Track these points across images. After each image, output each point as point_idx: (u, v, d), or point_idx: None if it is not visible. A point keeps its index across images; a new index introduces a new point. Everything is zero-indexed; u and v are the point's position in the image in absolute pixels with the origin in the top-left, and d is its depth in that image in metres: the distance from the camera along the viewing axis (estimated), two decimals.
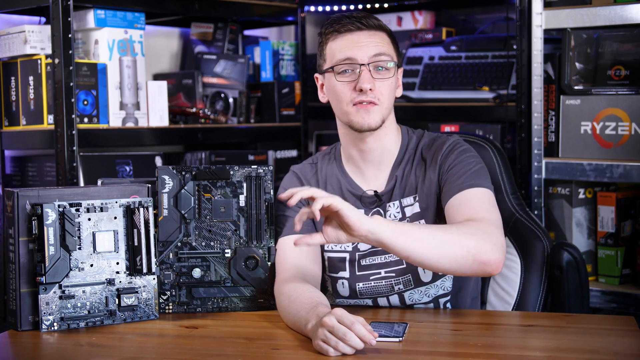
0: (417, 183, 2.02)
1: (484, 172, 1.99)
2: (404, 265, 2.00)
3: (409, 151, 2.06)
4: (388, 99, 1.99)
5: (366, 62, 1.96)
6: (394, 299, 2.03)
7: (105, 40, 2.81)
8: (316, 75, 2.08)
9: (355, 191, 2.05)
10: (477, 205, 1.91)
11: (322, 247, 2.06)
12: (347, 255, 2.04)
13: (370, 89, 1.95)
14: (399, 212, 2.02)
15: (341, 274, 2.05)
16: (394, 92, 2.02)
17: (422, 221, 2.01)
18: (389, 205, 2.03)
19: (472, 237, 1.80)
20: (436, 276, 2.01)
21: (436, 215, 2.00)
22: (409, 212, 2.02)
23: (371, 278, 2.02)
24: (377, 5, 3.54)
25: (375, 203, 2.04)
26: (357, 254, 2.03)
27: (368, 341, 1.61)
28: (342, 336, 1.61)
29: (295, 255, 2.00)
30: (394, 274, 2.01)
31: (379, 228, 1.75)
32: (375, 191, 2.04)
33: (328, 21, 2.03)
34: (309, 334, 1.71)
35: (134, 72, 2.85)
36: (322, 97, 2.07)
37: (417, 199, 2.02)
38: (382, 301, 2.04)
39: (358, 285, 2.03)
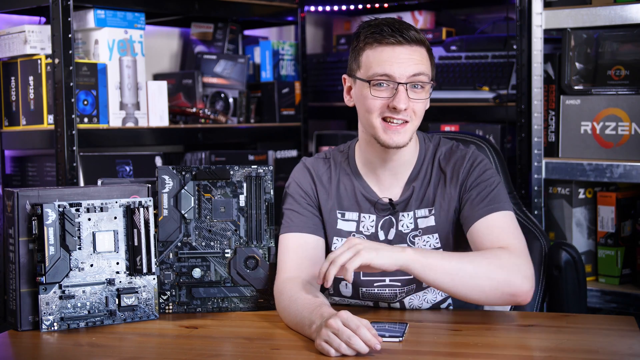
0: (434, 196, 2.00)
1: (504, 191, 1.98)
2: (411, 275, 1.98)
3: (426, 161, 2.03)
4: (419, 117, 1.95)
5: (404, 81, 1.91)
6: (395, 304, 2.03)
7: (105, 40, 2.81)
8: (344, 76, 2.03)
9: (370, 196, 2.02)
10: (503, 232, 1.90)
11: (329, 247, 2.04)
12: None
13: (406, 109, 1.91)
14: (412, 223, 2.00)
15: None
16: (425, 109, 1.98)
17: (436, 235, 1.99)
18: (403, 215, 2.01)
19: (501, 270, 1.81)
20: None
21: (453, 230, 1.99)
22: (422, 223, 2.00)
23: (375, 285, 2.01)
24: (377, 5, 3.54)
25: (388, 211, 2.02)
26: None
27: (373, 346, 1.61)
28: (347, 339, 1.61)
29: (298, 255, 1.99)
30: (399, 284, 2.00)
31: (408, 265, 1.78)
32: (390, 199, 2.01)
33: (367, 25, 1.97)
34: (312, 334, 1.71)
35: (134, 72, 2.85)
36: (348, 101, 2.03)
37: (432, 212, 1.99)
38: (382, 304, 2.04)
39: (361, 290, 2.03)
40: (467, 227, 1.94)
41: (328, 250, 2.04)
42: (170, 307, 2.03)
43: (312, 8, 3.63)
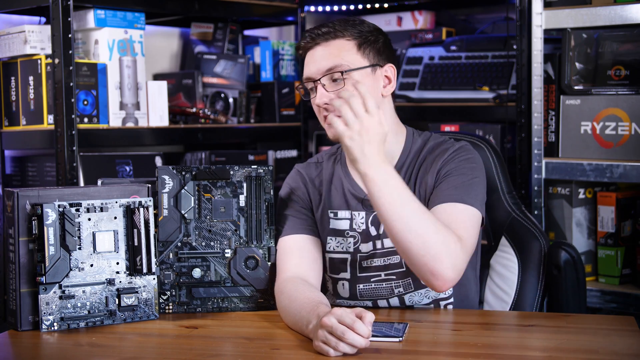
0: (415, 189, 2.00)
1: (478, 189, 1.94)
2: (404, 269, 1.99)
3: (411, 155, 2.03)
4: None
5: (319, 77, 1.94)
6: (394, 301, 2.03)
7: (105, 40, 2.81)
8: None
9: (357, 194, 2.04)
10: (459, 222, 1.85)
11: (324, 247, 2.05)
12: (348, 257, 2.03)
13: (326, 103, 1.93)
14: None
15: (342, 275, 2.04)
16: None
17: None
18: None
19: (441, 245, 1.76)
20: None
21: None
22: None
23: (372, 280, 2.02)
24: (377, 5, 3.54)
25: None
26: (358, 255, 2.02)
27: (366, 336, 1.59)
28: (341, 335, 1.59)
29: (296, 256, 2.00)
30: (394, 277, 2.01)
31: (366, 180, 1.75)
32: None
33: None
34: (310, 334, 1.71)
35: (134, 72, 2.85)
36: None
37: None
38: (382, 303, 2.04)
39: (359, 287, 2.03)
40: (429, 207, 1.91)
41: (324, 251, 2.05)
42: (170, 307, 2.03)
43: (312, 8, 3.63)
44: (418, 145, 2.04)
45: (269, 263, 2.04)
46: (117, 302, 1.93)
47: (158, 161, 2.95)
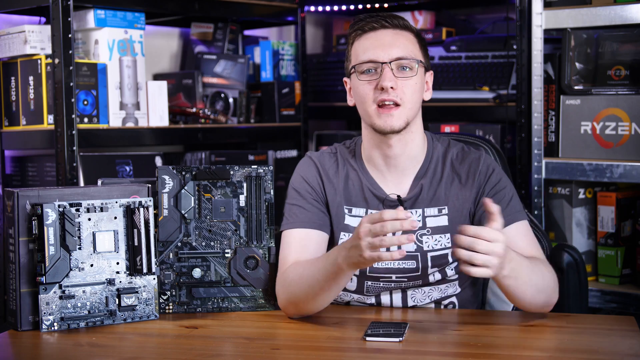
0: (447, 197, 1.99)
1: (518, 200, 2.01)
2: (419, 272, 1.98)
3: (434, 160, 2.02)
4: (411, 100, 1.93)
5: (387, 61, 1.92)
6: (396, 298, 2.02)
7: (105, 40, 2.81)
8: (345, 79, 2.05)
9: (377, 193, 2.01)
10: (526, 242, 1.94)
11: (336, 242, 2.02)
12: None
13: (392, 87, 1.91)
14: (419, 222, 1.99)
15: None
16: (419, 93, 1.97)
17: (448, 235, 1.98)
18: (410, 212, 1.97)
19: (551, 282, 1.87)
20: (444, 280, 2.00)
21: None
22: (431, 222, 1.99)
23: (381, 279, 2.00)
24: (377, 5, 3.54)
25: (396, 207, 2.01)
26: None
27: (410, 222, 1.66)
28: (382, 229, 1.66)
29: (299, 249, 1.97)
30: (405, 279, 1.99)
31: (504, 277, 1.78)
32: (398, 196, 1.99)
33: (354, 21, 2.00)
34: (344, 263, 1.75)
35: (134, 72, 2.85)
36: (350, 101, 2.03)
37: (444, 211, 1.98)
38: (385, 298, 2.03)
39: (367, 283, 2.01)
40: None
41: (333, 245, 2.01)
42: (170, 307, 2.03)
43: (312, 8, 3.63)
44: (439, 151, 2.04)
45: (269, 263, 2.04)
46: (117, 302, 1.93)
47: (158, 161, 2.95)
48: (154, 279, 1.97)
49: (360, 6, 3.58)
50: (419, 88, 1.96)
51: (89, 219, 1.90)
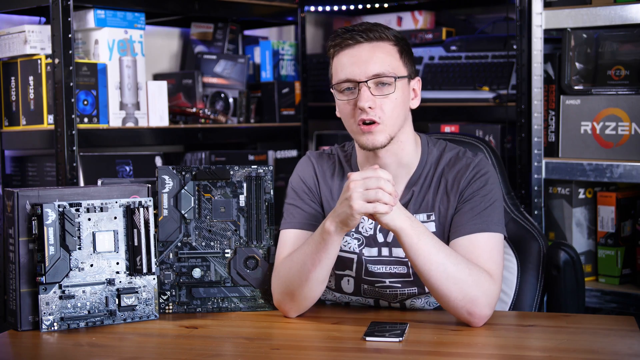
0: (434, 202, 1.98)
1: (499, 211, 1.95)
2: (411, 278, 1.98)
3: (428, 165, 2.00)
4: (391, 117, 1.90)
5: (364, 79, 1.89)
6: (396, 306, 2.02)
7: (105, 40, 2.81)
8: (332, 90, 2.03)
9: None
10: (484, 255, 1.88)
11: None
12: (355, 257, 2.01)
13: (370, 107, 1.88)
14: None
15: (347, 272, 2.02)
16: (402, 106, 1.93)
17: None
18: None
19: (475, 287, 1.82)
20: None
21: (448, 238, 1.97)
22: None
23: (376, 285, 2.00)
24: (377, 5, 3.54)
25: None
26: (363, 257, 2.00)
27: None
28: (377, 183, 1.72)
29: (294, 249, 1.98)
30: (399, 285, 2.00)
31: (399, 233, 1.81)
32: None
33: (331, 37, 1.97)
34: (331, 224, 1.81)
35: (134, 72, 2.85)
36: (338, 112, 2.01)
37: (432, 218, 1.98)
38: (383, 303, 2.03)
39: (363, 286, 2.02)
40: (452, 236, 1.93)
41: None
42: (170, 307, 2.03)
43: (312, 8, 3.63)
44: (434, 156, 2.02)
45: (269, 263, 2.04)
46: (117, 302, 1.93)
47: (158, 161, 2.95)
48: (154, 279, 1.97)
49: (360, 6, 3.58)
50: (400, 102, 1.92)
51: (89, 219, 1.90)
